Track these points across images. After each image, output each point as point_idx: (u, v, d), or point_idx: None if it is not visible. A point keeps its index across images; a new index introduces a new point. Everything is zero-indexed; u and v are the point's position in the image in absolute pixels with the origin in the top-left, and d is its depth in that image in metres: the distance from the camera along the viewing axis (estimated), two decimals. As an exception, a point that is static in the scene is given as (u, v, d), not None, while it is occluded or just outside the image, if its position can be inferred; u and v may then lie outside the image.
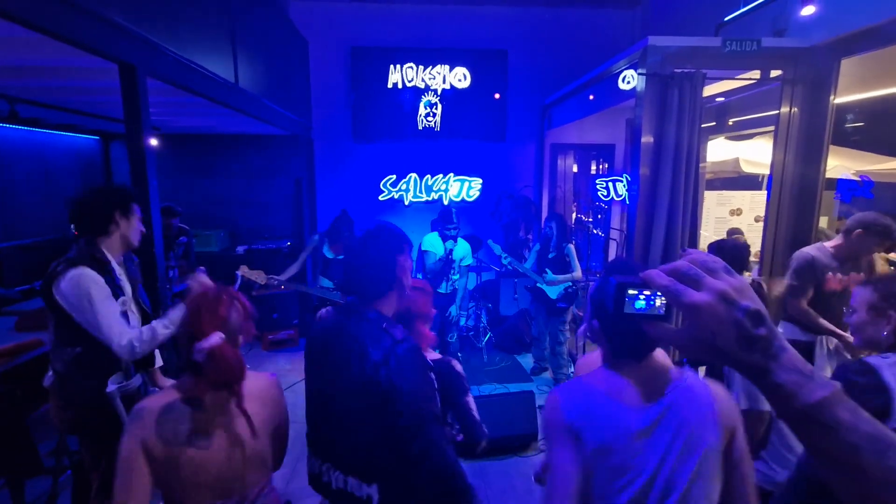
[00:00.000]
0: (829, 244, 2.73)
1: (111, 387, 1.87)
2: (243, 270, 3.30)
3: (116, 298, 1.86)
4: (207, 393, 1.26)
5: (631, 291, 0.58)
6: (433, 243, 4.14)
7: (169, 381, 1.50)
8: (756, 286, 1.97)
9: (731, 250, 2.44)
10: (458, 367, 1.70)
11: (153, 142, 2.44)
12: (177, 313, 1.91)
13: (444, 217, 4.09)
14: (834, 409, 0.49)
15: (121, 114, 3.92)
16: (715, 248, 2.62)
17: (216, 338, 1.23)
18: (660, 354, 1.15)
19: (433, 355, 1.73)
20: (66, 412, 1.91)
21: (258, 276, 3.32)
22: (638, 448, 1.04)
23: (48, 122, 4.62)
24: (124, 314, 1.91)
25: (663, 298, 0.57)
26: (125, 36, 2.09)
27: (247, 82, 3.52)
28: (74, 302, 1.76)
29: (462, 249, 4.15)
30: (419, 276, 4.25)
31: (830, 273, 2.65)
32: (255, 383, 1.37)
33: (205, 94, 2.87)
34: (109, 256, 1.92)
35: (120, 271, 2.00)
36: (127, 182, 2.28)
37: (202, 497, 1.26)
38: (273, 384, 1.45)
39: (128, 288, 2.02)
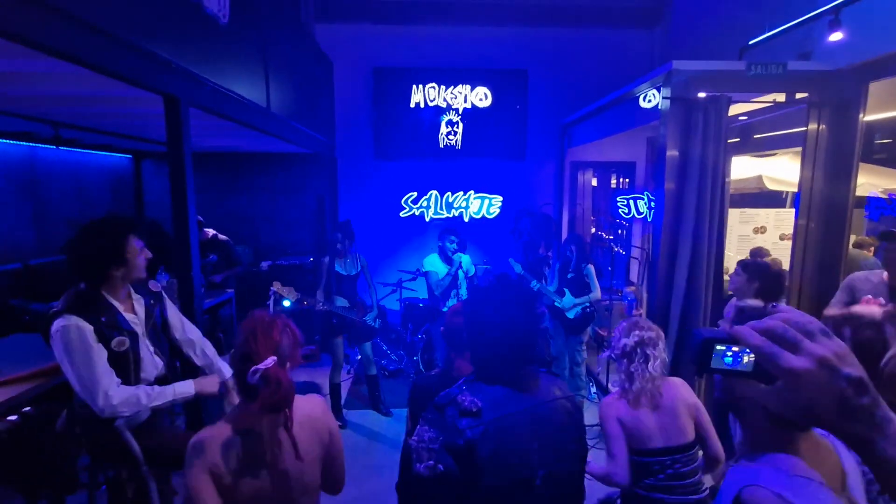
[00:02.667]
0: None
1: (119, 420, 1.86)
2: (276, 286, 3.39)
3: (109, 341, 1.81)
4: (262, 419, 1.29)
5: (719, 347, 0.57)
6: (433, 262, 4.23)
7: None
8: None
9: (764, 274, 2.43)
10: None
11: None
12: (182, 388, 1.93)
13: (445, 231, 4.23)
14: None
15: (154, 135, 4.05)
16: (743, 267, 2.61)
17: (270, 360, 1.24)
18: None
19: None
20: (85, 440, 1.97)
21: (290, 293, 3.41)
22: None
23: (84, 143, 4.81)
24: (125, 354, 1.86)
25: (752, 356, 0.55)
26: (170, 70, 2.19)
27: (277, 106, 3.63)
28: (57, 354, 1.74)
29: (467, 261, 4.30)
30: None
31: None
32: (305, 406, 1.40)
33: (240, 120, 2.98)
34: (111, 299, 1.88)
35: (129, 306, 1.96)
36: (161, 200, 2.37)
37: None
38: (321, 406, 1.46)
39: (140, 323, 1.97)
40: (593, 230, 6.63)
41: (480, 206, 6.02)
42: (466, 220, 5.99)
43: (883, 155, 5.26)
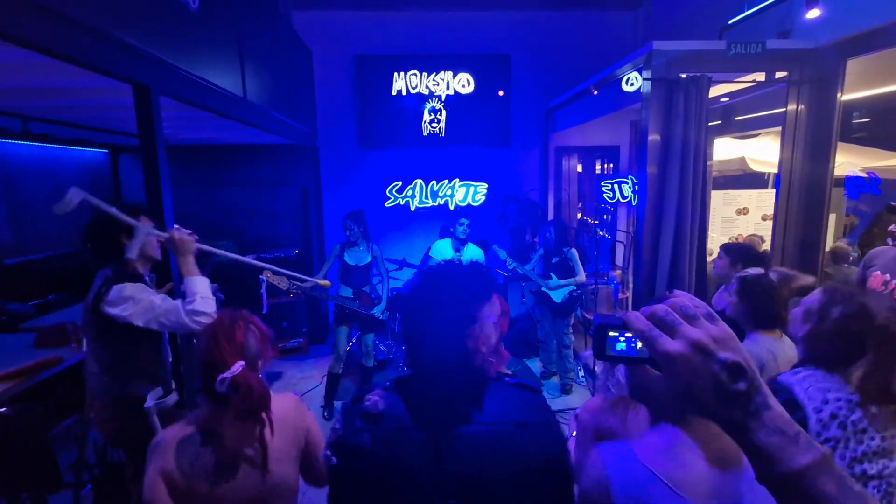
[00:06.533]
0: None
1: (149, 402, 1.93)
2: (267, 275, 3.32)
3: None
4: (231, 425, 1.22)
5: (612, 333, 0.56)
6: (441, 251, 4.20)
7: None
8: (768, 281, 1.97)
9: (746, 256, 2.46)
10: None
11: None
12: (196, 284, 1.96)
13: (457, 215, 4.21)
14: (818, 478, 0.44)
15: (130, 128, 3.95)
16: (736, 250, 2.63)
17: (238, 366, 1.18)
18: None
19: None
20: (108, 426, 1.98)
21: (281, 282, 3.35)
22: None
23: (59, 138, 4.68)
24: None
25: None
26: (139, 57, 2.12)
27: (254, 95, 3.55)
28: (128, 308, 1.83)
29: (470, 254, 4.20)
30: None
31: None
32: (279, 407, 1.32)
33: (215, 110, 2.91)
34: (141, 271, 2.03)
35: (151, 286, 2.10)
36: (138, 196, 2.33)
37: None
38: (296, 405, 1.40)
39: None
40: (579, 215, 6.65)
41: (466, 193, 5.99)
42: (452, 208, 5.96)
43: (862, 134, 5.33)
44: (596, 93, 4.35)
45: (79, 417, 2.26)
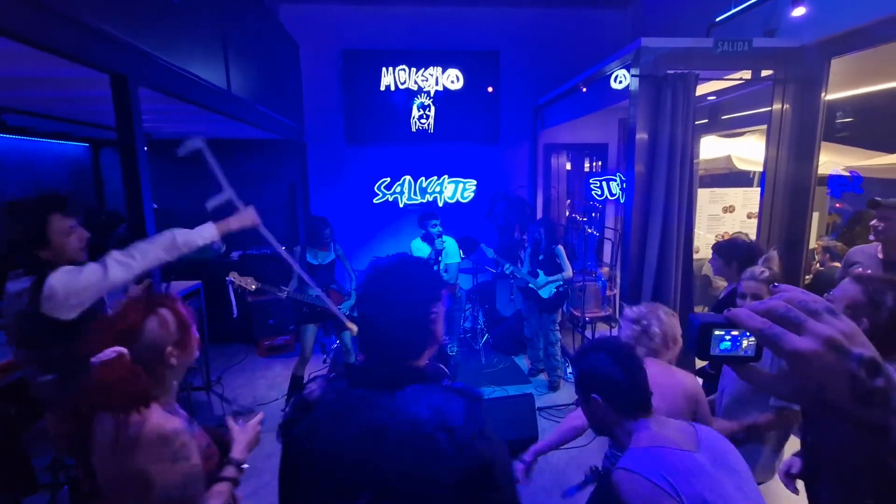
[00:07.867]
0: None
1: None
2: (233, 276, 3.28)
3: None
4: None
5: (717, 332, 0.55)
6: (419, 248, 4.18)
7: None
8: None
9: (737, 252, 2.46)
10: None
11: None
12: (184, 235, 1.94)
13: (425, 216, 4.18)
14: None
15: (111, 121, 3.87)
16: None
17: (108, 353, 1.09)
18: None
19: None
20: (70, 439, 1.88)
21: (248, 283, 3.30)
22: (713, 485, 1.07)
23: (37, 131, 4.55)
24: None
25: (751, 339, 0.53)
26: (116, 46, 2.06)
27: (239, 88, 3.48)
28: (59, 296, 1.64)
29: (449, 246, 4.23)
30: None
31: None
32: (152, 426, 1.15)
33: (198, 102, 2.84)
34: None
35: None
36: (120, 190, 2.26)
37: None
38: (162, 442, 1.15)
39: None
40: (568, 213, 6.66)
41: (454, 190, 5.97)
42: (441, 204, 5.93)
43: (844, 133, 5.41)
44: (584, 90, 4.34)
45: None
